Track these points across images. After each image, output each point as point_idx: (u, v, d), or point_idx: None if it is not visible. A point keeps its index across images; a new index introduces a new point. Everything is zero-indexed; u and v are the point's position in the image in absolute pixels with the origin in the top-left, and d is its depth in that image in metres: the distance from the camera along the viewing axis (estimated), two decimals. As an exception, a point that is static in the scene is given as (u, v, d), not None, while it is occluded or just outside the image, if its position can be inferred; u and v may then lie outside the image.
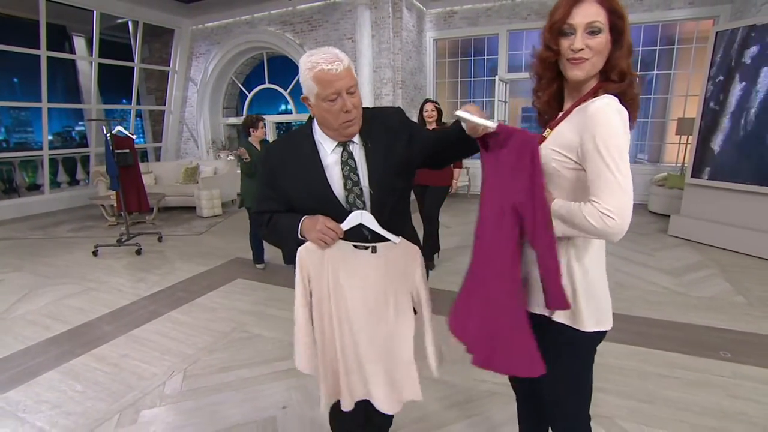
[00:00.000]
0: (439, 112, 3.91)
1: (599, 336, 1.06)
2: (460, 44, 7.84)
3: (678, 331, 2.72)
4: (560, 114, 1.06)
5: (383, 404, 1.30)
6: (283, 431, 1.89)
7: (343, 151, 1.24)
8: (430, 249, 3.84)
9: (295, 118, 8.75)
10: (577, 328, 1.02)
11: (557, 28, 0.97)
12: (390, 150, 1.26)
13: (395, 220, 1.29)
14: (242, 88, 8.97)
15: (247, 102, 8.89)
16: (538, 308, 1.05)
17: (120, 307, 3.24)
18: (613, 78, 0.97)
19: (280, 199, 1.31)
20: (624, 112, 0.93)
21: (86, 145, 8.78)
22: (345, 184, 1.24)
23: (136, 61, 8.27)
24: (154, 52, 9.16)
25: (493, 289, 1.02)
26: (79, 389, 2.23)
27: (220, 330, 2.86)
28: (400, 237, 1.25)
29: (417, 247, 1.31)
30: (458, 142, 1.17)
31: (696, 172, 4.73)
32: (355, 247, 1.24)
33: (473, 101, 8.76)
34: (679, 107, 6.57)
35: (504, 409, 1.96)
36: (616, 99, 0.95)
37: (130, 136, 4.77)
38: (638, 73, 1.00)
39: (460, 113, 1.00)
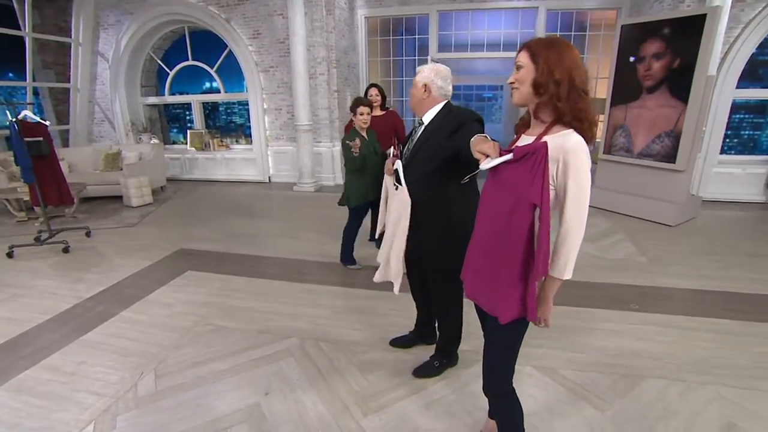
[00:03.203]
0: (383, 96, 4.03)
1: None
2: (391, 23, 7.88)
3: (598, 290, 3.22)
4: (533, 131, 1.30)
5: (378, 274, 2.14)
6: (270, 415, 1.99)
7: (416, 125, 2.01)
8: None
9: (224, 97, 8.23)
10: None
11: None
12: (431, 138, 1.90)
13: (426, 185, 1.90)
14: (161, 64, 8.21)
15: (169, 80, 8.17)
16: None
17: (61, 312, 3.01)
18: (540, 92, 1.19)
19: None
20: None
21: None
22: (405, 144, 2.06)
23: (27, 30, 7.17)
24: (48, 18, 7.93)
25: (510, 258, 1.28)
26: (38, 404, 2.10)
27: (182, 325, 2.80)
28: (402, 187, 1.94)
29: (409, 201, 1.93)
30: (469, 165, 1.53)
31: (606, 148, 5.40)
32: (394, 182, 2.05)
33: (404, 80, 8.90)
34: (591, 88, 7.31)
35: (469, 369, 2.26)
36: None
37: (42, 122, 4.25)
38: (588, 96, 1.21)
39: (486, 166, 1.27)
